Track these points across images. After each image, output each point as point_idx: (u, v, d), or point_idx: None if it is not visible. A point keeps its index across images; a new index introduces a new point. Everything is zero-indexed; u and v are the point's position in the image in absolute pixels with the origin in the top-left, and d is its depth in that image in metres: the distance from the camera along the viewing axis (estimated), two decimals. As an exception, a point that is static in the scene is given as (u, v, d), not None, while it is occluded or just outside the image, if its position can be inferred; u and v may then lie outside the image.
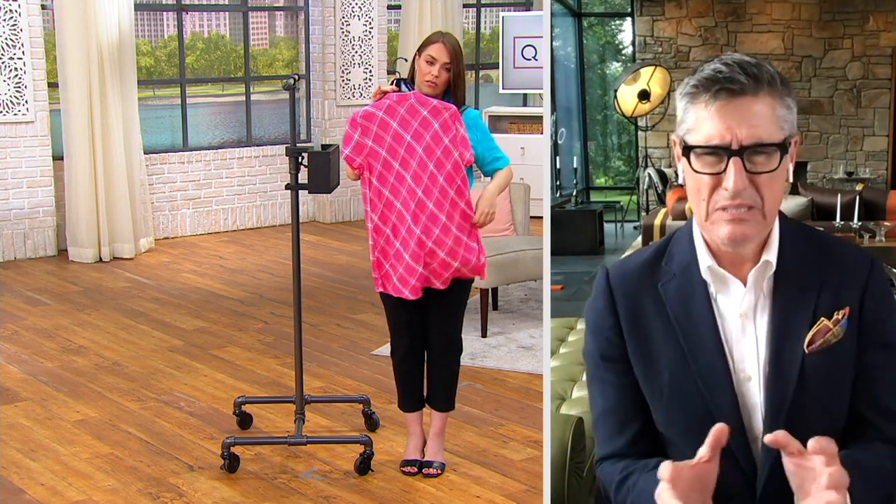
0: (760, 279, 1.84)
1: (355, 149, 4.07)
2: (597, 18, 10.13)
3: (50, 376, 5.45)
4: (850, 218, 6.53)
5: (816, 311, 1.83)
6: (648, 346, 1.89)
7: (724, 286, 1.86)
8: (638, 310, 1.91)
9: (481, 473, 4.31)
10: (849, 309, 1.82)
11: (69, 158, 8.01)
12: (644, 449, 1.92)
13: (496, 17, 11.16)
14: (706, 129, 1.77)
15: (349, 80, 9.66)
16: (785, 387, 1.80)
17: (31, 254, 8.12)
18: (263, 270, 7.86)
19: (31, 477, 4.27)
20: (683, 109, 1.82)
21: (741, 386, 1.84)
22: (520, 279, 6.31)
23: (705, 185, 1.79)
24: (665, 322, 1.87)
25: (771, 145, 1.76)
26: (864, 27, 8.44)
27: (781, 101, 1.78)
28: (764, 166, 1.76)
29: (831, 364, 1.82)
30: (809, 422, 1.79)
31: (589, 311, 1.98)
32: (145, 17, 9.52)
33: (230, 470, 4.29)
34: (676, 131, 1.85)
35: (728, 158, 1.75)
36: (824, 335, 1.81)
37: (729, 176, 1.75)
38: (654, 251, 1.94)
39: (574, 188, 8.87)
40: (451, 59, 4.09)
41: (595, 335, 1.96)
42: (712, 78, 1.77)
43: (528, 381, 5.41)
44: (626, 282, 1.93)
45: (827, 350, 1.81)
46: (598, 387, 1.97)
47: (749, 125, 1.75)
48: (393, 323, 4.31)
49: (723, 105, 1.76)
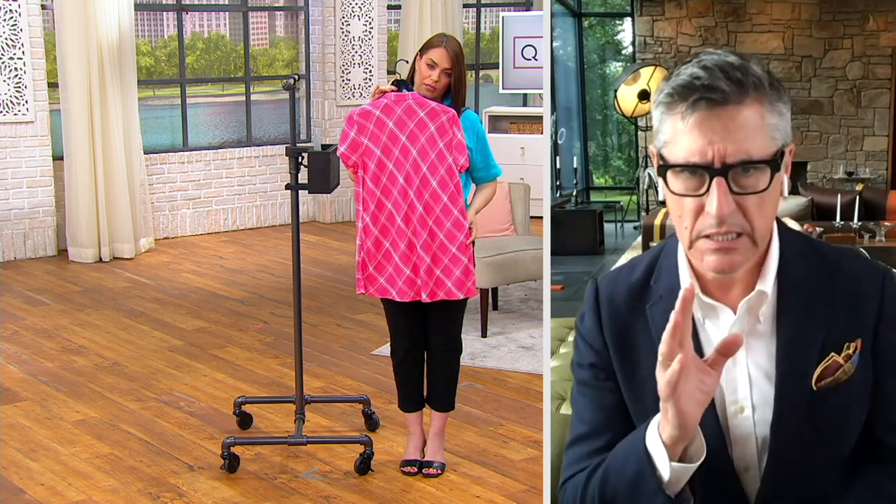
0: (755, 308, 1.66)
1: (351, 147, 4.07)
2: (597, 18, 10.14)
3: (50, 376, 5.45)
4: (850, 218, 6.53)
5: (826, 344, 1.66)
6: (636, 368, 1.75)
7: (713, 312, 1.69)
8: (626, 332, 1.76)
9: (481, 473, 4.31)
10: (860, 342, 1.65)
11: (69, 158, 8.01)
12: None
13: (496, 17, 11.16)
14: (684, 144, 1.55)
15: (349, 80, 9.66)
16: (792, 425, 1.66)
17: (31, 254, 8.12)
18: (263, 270, 7.87)
19: (31, 477, 4.27)
20: (659, 119, 1.60)
21: (732, 418, 1.69)
22: (520, 279, 6.31)
23: (687, 209, 1.58)
24: (651, 345, 1.67)
25: (760, 162, 1.54)
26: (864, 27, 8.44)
27: (772, 107, 1.56)
28: (752, 187, 1.54)
29: (842, 399, 1.66)
30: (816, 455, 1.69)
31: (578, 325, 1.85)
32: (145, 17, 9.52)
33: (230, 470, 4.29)
34: (654, 142, 1.64)
35: (710, 179, 1.53)
36: (834, 373, 1.65)
37: (712, 200, 1.53)
38: (644, 268, 1.78)
39: (574, 188, 8.88)
40: (451, 65, 4.08)
41: (585, 345, 1.82)
42: (689, 85, 1.54)
43: (528, 381, 5.41)
44: (615, 303, 1.78)
45: (837, 386, 1.66)
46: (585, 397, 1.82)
47: (734, 139, 1.53)
48: (392, 324, 4.31)
49: (702, 117, 1.53)
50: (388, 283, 4.11)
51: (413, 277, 4.07)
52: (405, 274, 4.06)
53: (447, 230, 4.05)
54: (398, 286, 4.09)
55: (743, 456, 1.70)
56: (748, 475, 1.71)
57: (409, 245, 4.05)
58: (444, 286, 4.07)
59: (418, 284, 4.07)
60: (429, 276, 4.06)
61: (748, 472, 1.71)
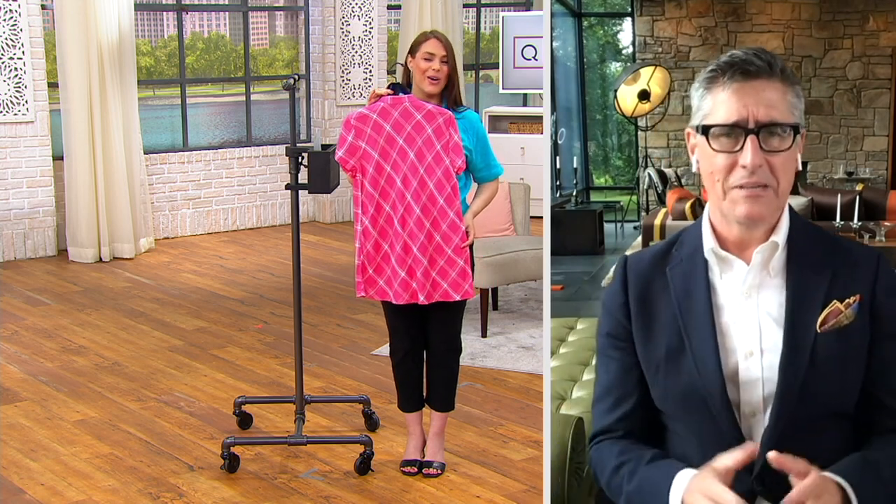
0: (767, 259, 1.90)
1: (349, 151, 4.07)
2: (597, 18, 10.13)
3: (50, 376, 5.45)
4: (850, 218, 6.53)
5: (829, 293, 1.89)
6: (652, 325, 1.98)
7: (728, 266, 1.93)
8: (647, 291, 1.99)
9: (481, 473, 4.31)
10: (860, 296, 1.88)
11: (69, 158, 8.01)
12: (635, 427, 2.02)
13: (496, 17, 11.16)
14: (723, 110, 1.86)
15: (349, 80, 9.66)
16: (798, 364, 1.86)
17: (31, 254, 8.12)
18: (263, 270, 7.87)
19: (31, 477, 4.27)
20: (700, 97, 1.91)
21: (742, 362, 1.90)
22: (520, 279, 6.31)
23: (721, 165, 1.86)
24: (669, 303, 1.96)
25: (786, 125, 1.84)
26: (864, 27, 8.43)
27: (792, 89, 1.87)
28: (779, 146, 1.84)
29: (842, 345, 1.88)
30: (818, 399, 1.87)
31: (605, 293, 2.08)
32: (145, 17, 9.52)
33: (230, 470, 4.29)
34: (690, 122, 1.94)
35: (745, 137, 1.83)
36: (836, 317, 1.87)
37: (746, 153, 1.83)
38: (669, 240, 2.04)
39: (574, 188, 8.87)
40: (447, 52, 4.10)
41: (606, 313, 2.05)
42: (729, 62, 1.87)
43: (528, 381, 5.41)
44: (640, 266, 2.02)
45: (838, 331, 1.88)
46: (602, 363, 2.07)
47: (764, 105, 1.84)
48: (392, 325, 4.31)
49: (739, 86, 1.85)
50: (386, 286, 4.12)
51: (408, 280, 4.07)
52: (400, 277, 4.07)
53: (443, 232, 4.05)
54: (394, 288, 4.09)
55: (750, 400, 1.90)
56: (755, 420, 1.90)
57: (405, 248, 4.06)
58: (440, 288, 4.07)
59: (413, 287, 4.07)
60: (425, 278, 4.06)
61: (755, 418, 1.90)
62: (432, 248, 4.05)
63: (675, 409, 1.96)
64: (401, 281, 4.07)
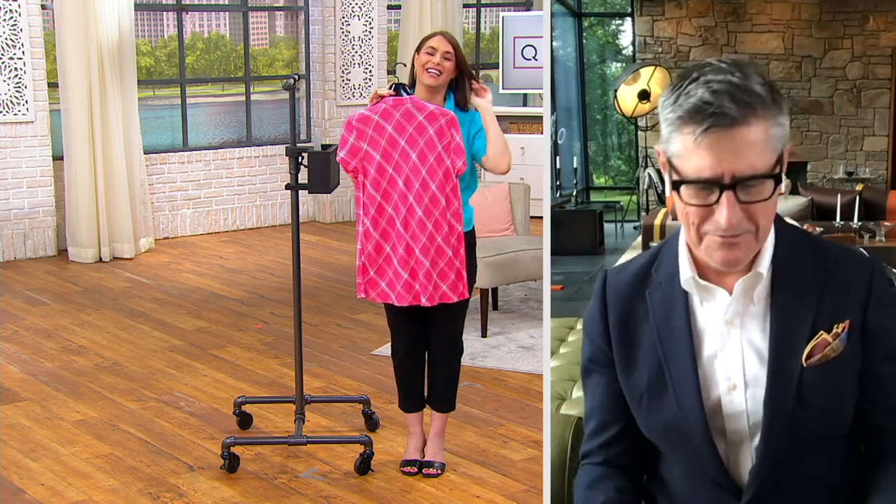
0: (750, 289, 1.78)
1: (350, 152, 4.06)
2: (597, 18, 10.13)
3: (50, 376, 5.45)
4: (850, 218, 6.53)
5: (815, 323, 1.77)
6: (633, 351, 1.88)
7: (710, 295, 1.81)
8: (627, 316, 1.90)
9: (481, 473, 4.31)
10: (849, 322, 1.76)
11: (69, 158, 8.01)
12: (616, 454, 1.97)
13: (496, 17, 11.16)
14: (695, 161, 1.66)
15: (349, 81, 9.66)
16: (783, 399, 1.76)
17: (31, 254, 8.12)
18: (263, 270, 7.87)
19: (31, 477, 4.27)
20: (668, 131, 1.70)
21: (725, 395, 1.80)
22: (520, 279, 6.31)
23: (695, 214, 1.71)
24: (649, 330, 1.86)
25: (766, 176, 1.66)
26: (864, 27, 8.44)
27: (774, 121, 1.67)
28: (757, 195, 1.67)
29: (830, 377, 1.77)
30: (807, 428, 1.78)
31: (586, 315, 1.99)
32: (145, 17, 9.52)
33: (230, 470, 4.29)
34: (660, 144, 1.75)
35: (720, 192, 1.66)
36: (823, 349, 1.76)
37: (721, 211, 1.66)
38: (648, 257, 1.92)
39: (574, 188, 8.87)
40: (452, 49, 4.08)
41: (588, 338, 1.97)
42: (699, 110, 1.64)
43: (528, 381, 5.41)
44: (619, 288, 1.92)
45: (826, 363, 1.77)
46: (587, 387, 2.01)
47: (742, 157, 1.64)
48: (393, 326, 4.31)
49: (713, 140, 1.64)
50: (388, 288, 4.11)
51: (411, 282, 4.07)
52: (403, 278, 4.06)
53: (444, 233, 4.05)
54: (397, 290, 4.09)
55: (736, 429, 1.81)
56: (742, 447, 1.82)
57: (408, 249, 4.05)
58: (441, 289, 4.07)
59: (416, 289, 4.07)
60: (427, 279, 4.05)
61: (742, 445, 1.82)
62: (434, 250, 4.05)
63: (659, 440, 1.91)
64: (403, 283, 4.07)
